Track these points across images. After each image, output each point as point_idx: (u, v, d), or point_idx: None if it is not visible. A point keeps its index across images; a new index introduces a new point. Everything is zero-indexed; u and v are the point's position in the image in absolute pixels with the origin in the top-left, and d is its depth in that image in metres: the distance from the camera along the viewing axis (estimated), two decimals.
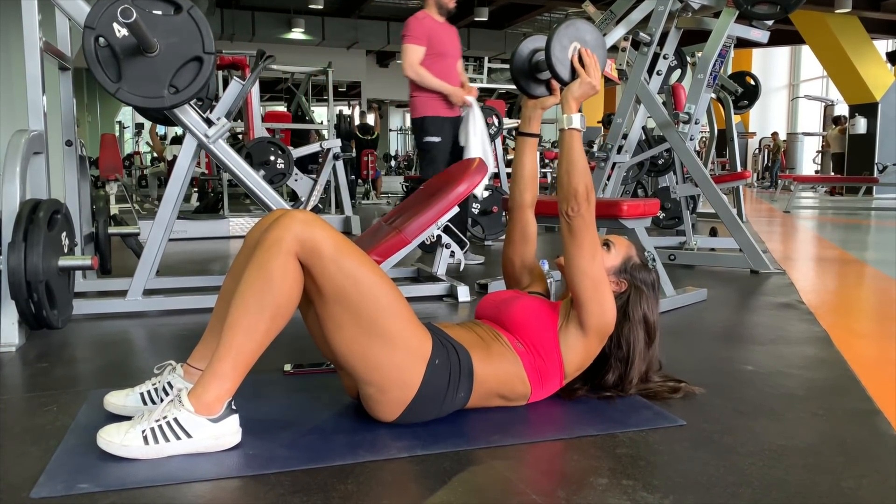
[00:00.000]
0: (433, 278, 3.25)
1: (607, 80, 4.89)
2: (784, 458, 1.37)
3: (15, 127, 2.45)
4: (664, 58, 4.43)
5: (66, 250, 2.33)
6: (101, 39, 2.26)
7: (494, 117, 5.45)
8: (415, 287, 3.15)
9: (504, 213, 5.02)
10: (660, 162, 5.76)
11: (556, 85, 1.85)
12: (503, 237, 5.08)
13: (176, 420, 1.34)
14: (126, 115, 20.17)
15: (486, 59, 8.42)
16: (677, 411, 1.61)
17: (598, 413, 1.60)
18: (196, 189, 8.73)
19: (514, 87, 8.50)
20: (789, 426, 1.54)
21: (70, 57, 2.97)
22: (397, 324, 1.43)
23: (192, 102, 2.64)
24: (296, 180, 5.87)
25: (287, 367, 1.92)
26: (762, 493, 1.22)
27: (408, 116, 25.14)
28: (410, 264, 3.78)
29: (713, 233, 5.42)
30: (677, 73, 5.44)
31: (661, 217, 6.20)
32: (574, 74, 1.74)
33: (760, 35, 4.19)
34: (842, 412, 1.65)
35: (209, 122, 2.66)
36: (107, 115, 17.37)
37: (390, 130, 23.13)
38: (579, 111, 1.70)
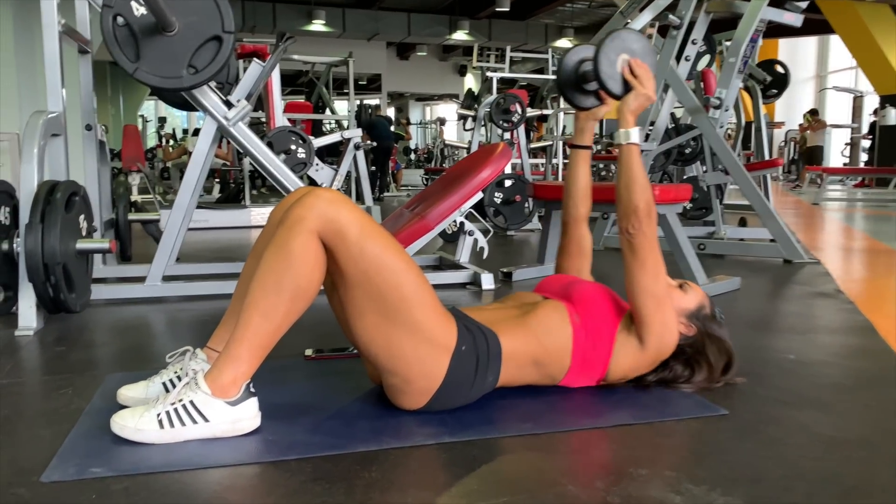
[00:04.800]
0: (456, 266, 3.17)
1: None
2: (837, 450, 1.28)
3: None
4: (693, 43, 4.30)
5: (84, 233, 2.29)
6: (120, 18, 2.20)
7: (517, 104, 5.36)
8: (437, 274, 3.08)
9: (527, 202, 4.93)
10: (687, 151, 5.63)
11: (605, 93, 1.79)
12: (526, 227, 5.00)
13: (192, 403, 1.28)
14: (149, 108, 20.32)
15: (507, 49, 8.29)
16: (718, 400, 1.53)
17: (633, 401, 1.52)
18: (218, 180, 8.74)
19: (534, 76, 8.35)
20: (840, 417, 1.45)
21: (90, 40, 2.93)
22: (422, 313, 1.35)
23: (212, 85, 2.59)
24: (316, 170, 5.82)
25: (308, 352, 1.86)
26: (817, 487, 1.13)
27: (428, 110, 25.13)
28: (433, 252, 3.71)
29: (742, 223, 5.29)
30: (705, 60, 5.30)
31: (687, 207, 6.07)
32: (627, 87, 1.66)
33: (793, 18, 4.05)
34: (895, 403, 1.55)
35: (229, 105, 2.61)
36: (130, 108, 17.47)
37: (410, 124, 23.06)
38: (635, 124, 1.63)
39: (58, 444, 1.27)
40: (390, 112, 12.94)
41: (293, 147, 5.55)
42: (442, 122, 14.28)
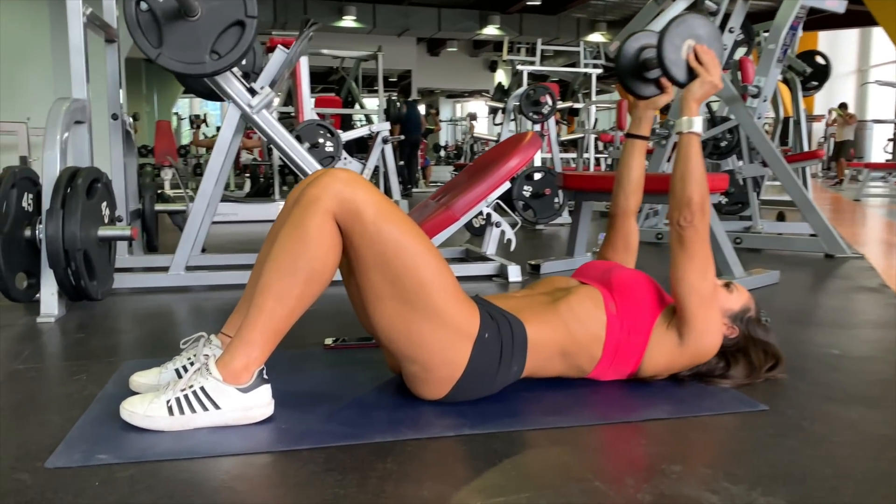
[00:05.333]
0: (483, 258, 3.10)
1: None
2: (889, 449, 1.18)
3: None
4: (730, 31, 4.16)
5: (106, 220, 2.27)
6: (143, 3, 2.18)
7: (548, 96, 5.26)
8: (463, 266, 3.01)
9: (557, 196, 4.83)
10: (722, 144, 5.47)
11: (666, 82, 1.72)
12: (555, 221, 4.90)
13: (203, 389, 1.23)
14: (183, 106, 20.59)
15: (538, 42, 8.17)
16: (757, 395, 1.44)
17: (667, 396, 1.43)
18: (248, 176, 8.78)
19: (568, 70, 8.24)
20: (890, 415, 1.35)
21: (116, 30, 2.92)
22: (442, 297, 1.29)
23: (236, 72, 2.56)
24: (345, 163, 5.80)
25: (328, 342, 1.81)
26: (867, 488, 1.04)
27: (458, 107, 25.02)
28: (460, 245, 3.64)
29: (781, 217, 5.13)
30: (742, 51, 5.14)
31: (723, 202, 5.91)
32: (691, 74, 1.59)
33: (836, 4, 3.90)
34: None
35: (252, 92, 2.57)
36: (164, 105, 17.72)
37: (441, 121, 22.99)
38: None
39: (67, 429, 1.24)
40: (421, 108, 12.85)
41: (321, 140, 5.53)
42: (473, 117, 14.19)
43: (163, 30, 2.21)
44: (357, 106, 8.15)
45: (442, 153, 17.82)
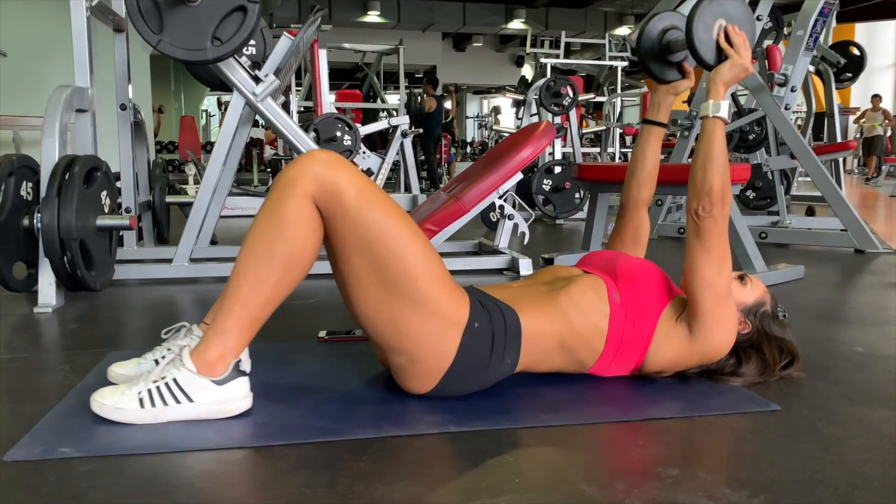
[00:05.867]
0: (495, 251, 3.02)
1: None
2: None
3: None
4: (758, 19, 4.01)
5: (107, 210, 2.23)
6: None
7: (568, 87, 5.14)
8: (474, 259, 2.93)
9: (578, 190, 4.72)
10: (750, 137, 5.30)
11: (688, 67, 1.64)
12: (576, 216, 4.79)
13: (175, 381, 1.18)
14: (213, 103, 20.77)
15: (562, 35, 8.04)
16: (769, 394, 1.34)
17: (672, 394, 1.34)
18: (269, 171, 8.79)
19: (594, 62, 8.10)
20: None
21: (124, 19, 2.89)
22: (429, 284, 1.21)
23: (240, 60, 2.51)
24: (363, 157, 5.76)
25: (321, 334, 1.75)
26: (884, 497, 0.94)
27: (485, 104, 24.86)
28: (473, 238, 3.56)
29: (810, 212, 4.95)
30: (769, 41, 4.97)
31: (750, 196, 5.74)
32: (720, 56, 1.50)
33: None
34: None
35: (257, 80, 2.52)
36: (191, 102, 17.89)
37: (467, 117, 22.89)
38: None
39: (37, 421, 1.19)
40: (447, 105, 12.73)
41: (338, 134, 5.49)
42: (497, 111, 14.06)
43: (163, 16, 2.17)
44: (379, 101, 8.10)
45: (468, 150, 17.72)
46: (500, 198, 2.97)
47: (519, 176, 2.85)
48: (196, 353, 1.19)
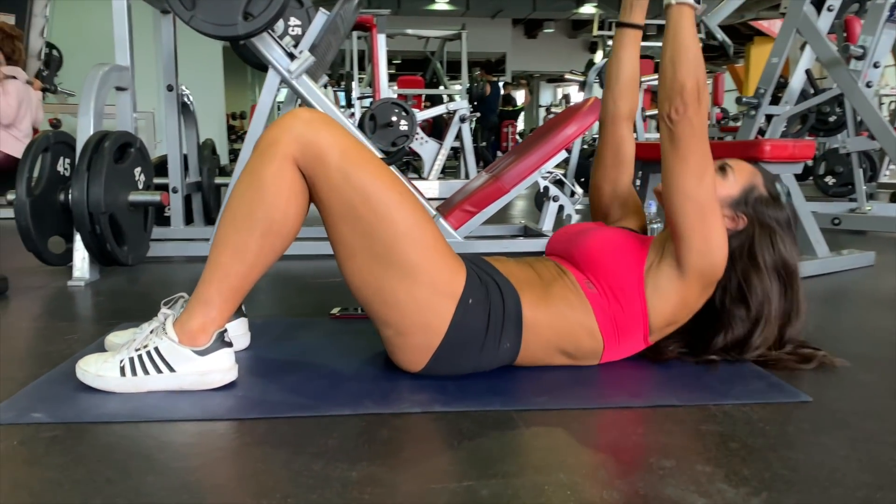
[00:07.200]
0: (539, 234, 2.91)
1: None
2: None
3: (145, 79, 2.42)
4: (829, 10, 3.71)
5: (140, 186, 2.26)
6: None
7: None
8: (516, 242, 2.83)
9: (638, 173, 4.52)
10: (830, 119, 4.94)
11: None
12: None
13: (157, 350, 1.15)
14: (283, 94, 21.21)
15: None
16: (802, 384, 1.20)
17: (690, 379, 1.22)
18: None
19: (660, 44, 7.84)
20: None
21: None
22: (419, 252, 1.14)
23: (274, 35, 2.49)
24: (421, 143, 5.73)
25: (334, 311, 1.70)
26: None
27: (558, 91, 24.40)
28: (518, 221, 3.46)
29: (894, 199, 4.58)
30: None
31: (830, 183, 5.37)
32: None
33: None
34: None
35: (292, 57, 2.50)
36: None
37: (539, 106, 22.52)
38: None
39: (23, 386, 1.18)
40: (520, 94, 12.56)
41: (395, 119, 5.46)
42: (567, 99, 13.76)
43: None
44: (441, 87, 8.03)
45: None
46: (546, 178, 2.87)
47: (563, 154, 2.73)
48: (179, 323, 1.16)
